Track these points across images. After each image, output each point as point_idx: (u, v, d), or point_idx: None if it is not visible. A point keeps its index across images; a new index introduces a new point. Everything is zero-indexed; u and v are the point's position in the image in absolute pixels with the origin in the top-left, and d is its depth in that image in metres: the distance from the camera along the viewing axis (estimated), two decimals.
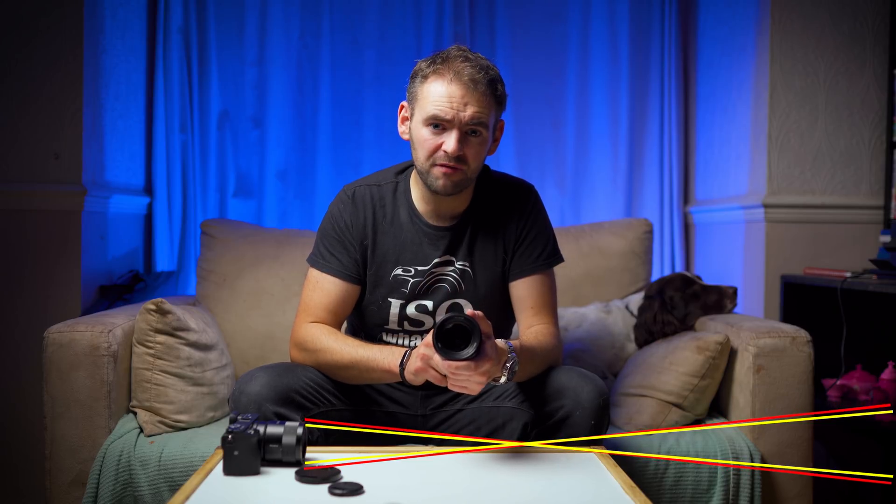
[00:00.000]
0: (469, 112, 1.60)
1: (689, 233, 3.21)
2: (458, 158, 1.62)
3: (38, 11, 2.47)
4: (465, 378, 1.43)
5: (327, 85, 3.06)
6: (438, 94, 1.61)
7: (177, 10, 2.97)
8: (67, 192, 2.47)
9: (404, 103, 1.73)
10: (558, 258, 1.82)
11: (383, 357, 1.60)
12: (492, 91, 1.63)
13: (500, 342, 1.49)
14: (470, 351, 1.40)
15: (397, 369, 1.57)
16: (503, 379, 1.50)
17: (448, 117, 1.60)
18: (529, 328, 1.74)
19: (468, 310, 1.52)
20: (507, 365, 1.49)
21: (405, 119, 1.72)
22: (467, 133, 1.63)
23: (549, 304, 1.78)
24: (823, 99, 2.67)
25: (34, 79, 2.47)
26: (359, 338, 1.88)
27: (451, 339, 1.42)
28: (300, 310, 1.76)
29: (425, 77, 1.64)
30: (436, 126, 1.63)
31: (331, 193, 2.95)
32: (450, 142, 1.61)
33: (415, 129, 1.67)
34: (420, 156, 1.66)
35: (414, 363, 1.50)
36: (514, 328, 1.92)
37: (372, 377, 1.65)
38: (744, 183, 2.81)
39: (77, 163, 2.48)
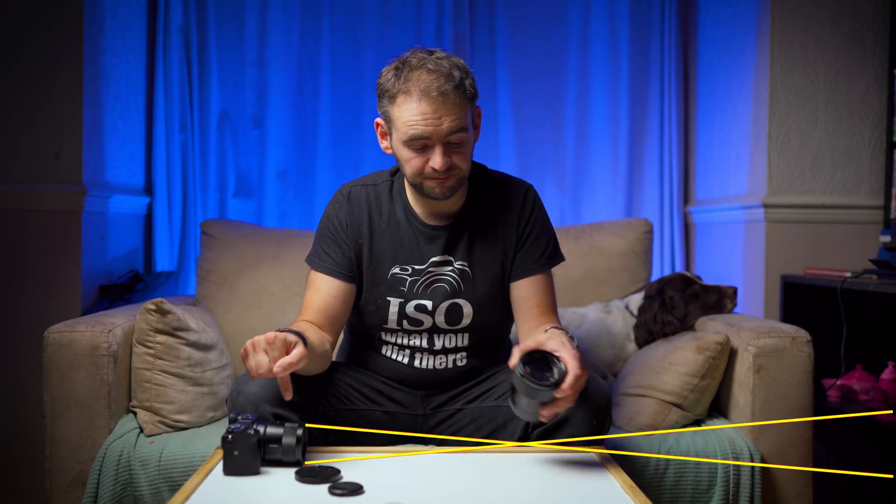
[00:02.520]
0: (446, 124, 1.58)
1: (689, 233, 3.21)
2: (448, 168, 1.62)
3: (39, 12, 2.47)
4: (568, 399, 1.42)
5: (327, 85, 3.06)
6: (411, 113, 1.58)
7: (177, 10, 2.97)
8: (67, 192, 2.47)
9: (379, 120, 1.70)
10: (560, 257, 1.82)
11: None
12: (462, 94, 1.60)
13: (559, 334, 1.54)
14: (555, 374, 1.40)
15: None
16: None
17: (426, 135, 1.59)
18: (537, 328, 1.73)
19: (467, 311, 1.52)
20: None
21: (384, 135, 1.70)
22: (450, 143, 1.62)
23: (552, 303, 1.79)
24: (823, 99, 2.67)
25: (34, 79, 2.47)
26: (358, 338, 1.89)
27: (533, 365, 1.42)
28: (300, 310, 1.77)
29: (392, 98, 1.61)
30: (418, 147, 1.61)
31: (331, 193, 2.94)
32: (435, 158, 1.60)
33: (397, 149, 1.66)
34: (408, 172, 1.66)
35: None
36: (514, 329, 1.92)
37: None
38: (744, 183, 2.81)
39: (77, 163, 2.48)
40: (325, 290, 1.74)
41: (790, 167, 2.66)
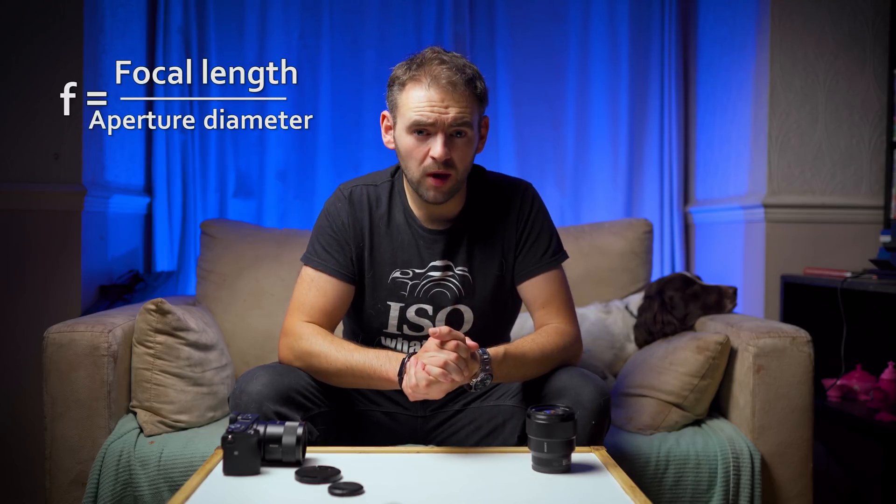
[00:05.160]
0: (452, 114, 1.59)
1: (689, 233, 3.21)
2: (446, 163, 1.61)
3: (39, 12, 2.47)
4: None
5: (327, 85, 3.06)
6: (418, 99, 1.59)
7: (177, 10, 2.97)
8: (67, 192, 2.47)
9: (385, 113, 1.70)
10: (563, 254, 1.79)
11: (380, 364, 1.56)
12: (471, 90, 1.62)
13: (476, 353, 1.51)
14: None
15: (396, 378, 1.54)
16: (475, 381, 1.53)
17: (430, 121, 1.59)
18: (540, 328, 1.73)
19: (468, 317, 1.51)
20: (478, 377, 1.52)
21: (388, 128, 1.70)
22: (452, 135, 1.61)
23: (561, 300, 1.75)
24: (823, 99, 2.67)
25: (34, 79, 2.47)
26: (356, 342, 1.87)
27: None
28: (292, 308, 1.72)
29: (402, 84, 1.62)
30: (420, 132, 1.61)
31: (330, 193, 2.96)
32: (436, 147, 1.60)
33: (399, 139, 1.65)
34: (410, 166, 1.65)
35: (412, 378, 1.49)
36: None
37: (369, 384, 1.61)
38: (744, 183, 2.81)
39: (77, 163, 2.48)
40: (328, 292, 1.71)
41: (790, 167, 2.66)
